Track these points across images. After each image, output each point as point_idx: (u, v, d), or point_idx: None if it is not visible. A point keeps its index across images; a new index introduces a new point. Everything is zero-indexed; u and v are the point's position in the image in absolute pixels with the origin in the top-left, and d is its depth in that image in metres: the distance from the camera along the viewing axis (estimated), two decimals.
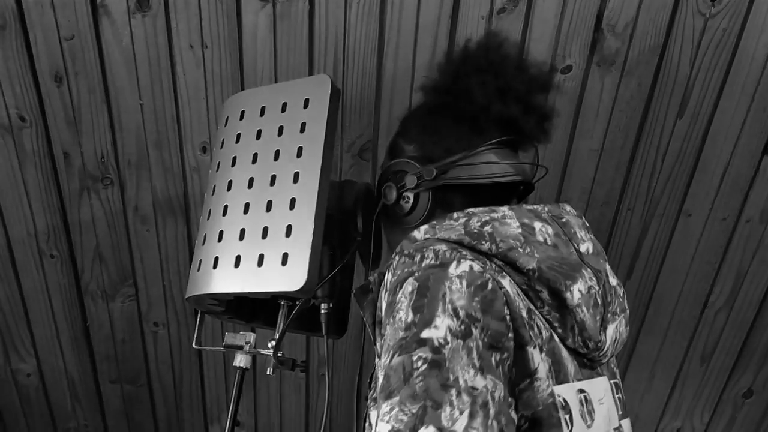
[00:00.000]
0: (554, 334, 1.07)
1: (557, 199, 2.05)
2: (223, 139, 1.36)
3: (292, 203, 1.19)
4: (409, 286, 1.00)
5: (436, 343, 0.92)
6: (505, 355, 0.95)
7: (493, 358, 0.93)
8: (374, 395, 1.10)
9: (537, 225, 1.13)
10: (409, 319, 0.96)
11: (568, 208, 1.25)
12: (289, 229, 1.17)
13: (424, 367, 0.90)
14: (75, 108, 1.91)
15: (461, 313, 0.94)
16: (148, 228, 2.11)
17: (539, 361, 1.00)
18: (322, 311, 1.34)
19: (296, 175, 1.20)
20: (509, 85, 1.25)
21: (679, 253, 2.14)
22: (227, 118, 1.38)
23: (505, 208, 1.15)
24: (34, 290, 2.21)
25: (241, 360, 1.33)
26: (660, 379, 2.40)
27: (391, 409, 0.89)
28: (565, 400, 1.02)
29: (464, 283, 0.98)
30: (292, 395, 2.44)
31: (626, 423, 1.21)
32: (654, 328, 2.28)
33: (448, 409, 0.87)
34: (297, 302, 1.27)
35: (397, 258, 1.09)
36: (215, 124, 1.94)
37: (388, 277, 1.09)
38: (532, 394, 0.97)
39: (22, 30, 1.81)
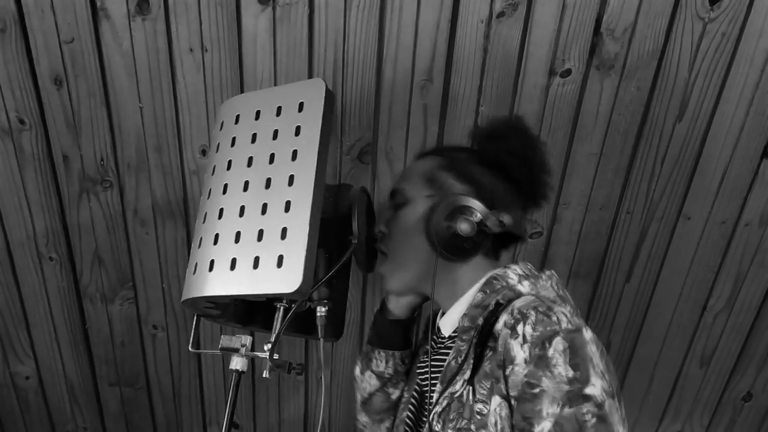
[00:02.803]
0: None
1: (556, 202, 2.05)
2: (219, 143, 1.36)
3: (288, 206, 1.19)
4: (560, 345, 1.13)
5: (598, 400, 1.09)
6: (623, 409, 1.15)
7: (622, 411, 1.13)
8: (460, 426, 1.25)
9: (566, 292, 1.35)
10: (571, 375, 1.10)
11: None
12: (284, 231, 1.17)
13: (594, 420, 1.07)
14: (75, 111, 1.92)
15: (606, 376, 1.12)
16: (147, 231, 2.11)
17: None
18: (319, 314, 1.34)
19: (291, 178, 1.21)
20: (548, 165, 1.47)
21: (678, 257, 2.14)
22: (222, 122, 1.38)
23: (555, 275, 1.39)
24: (33, 293, 2.21)
25: (237, 363, 1.33)
26: (659, 382, 2.40)
27: None
28: None
29: (595, 348, 1.15)
30: (290, 398, 2.44)
31: None
32: (653, 331, 2.28)
33: None
34: (293, 305, 1.27)
35: (533, 314, 1.18)
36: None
37: (526, 330, 1.17)
38: None
39: (22, 33, 1.81)
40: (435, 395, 1.33)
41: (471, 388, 1.25)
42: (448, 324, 1.42)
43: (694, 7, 1.78)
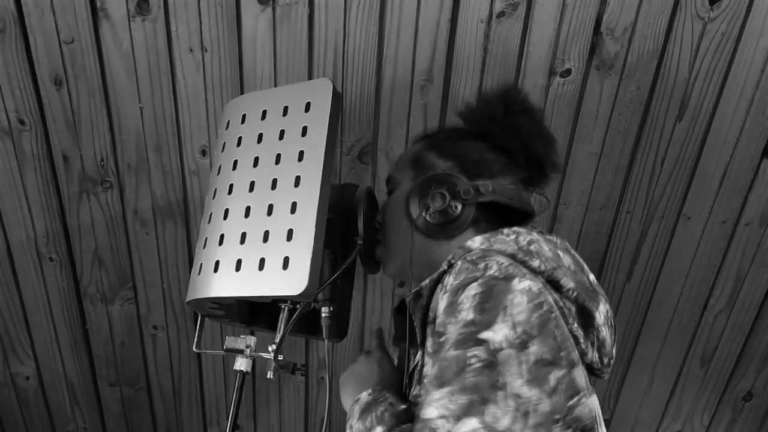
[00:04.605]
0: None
1: (557, 202, 2.05)
2: (225, 143, 1.36)
3: (294, 207, 1.19)
4: (472, 290, 1.05)
5: (492, 347, 0.99)
6: (560, 373, 1.01)
7: (546, 374, 1.00)
8: (416, 393, 1.21)
9: (560, 252, 1.22)
10: (469, 318, 1.02)
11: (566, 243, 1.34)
12: (290, 232, 1.17)
13: (478, 365, 0.97)
14: (75, 111, 1.91)
15: (519, 328, 1.01)
16: (147, 231, 2.11)
17: (584, 377, 1.07)
18: (323, 315, 1.33)
19: (297, 179, 1.20)
20: (544, 131, 1.42)
21: (678, 257, 2.14)
22: (228, 121, 1.38)
23: (534, 233, 1.24)
24: (33, 293, 2.21)
25: (241, 364, 1.33)
26: (660, 382, 2.40)
27: (441, 398, 0.98)
28: (599, 413, 1.11)
29: (524, 299, 1.04)
30: (291, 398, 2.44)
31: None
32: (654, 331, 2.29)
33: (492, 407, 0.94)
34: (298, 306, 1.27)
35: (459, 263, 1.12)
36: (215, 128, 1.94)
37: (449, 280, 1.11)
38: (582, 410, 1.02)
39: (22, 33, 1.81)
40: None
41: (422, 353, 1.21)
42: None
43: (693, 7, 1.78)
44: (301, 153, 1.22)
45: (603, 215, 2.08)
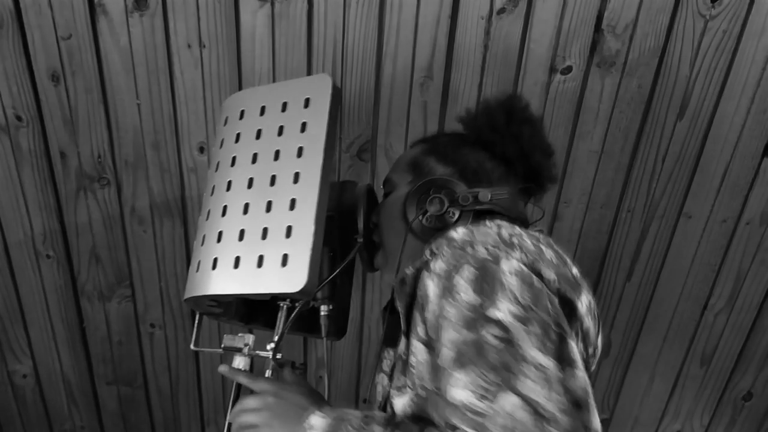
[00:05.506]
0: None
1: (557, 200, 2.04)
2: (223, 139, 1.35)
3: (293, 204, 1.18)
4: (466, 272, 1.07)
5: (503, 324, 1.01)
6: (560, 343, 1.04)
7: (549, 344, 1.02)
8: (399, 384, 1.20)
9: (542, 246, 1.21)
10: (471, 299, 1.04)
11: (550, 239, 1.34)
12: (289, 229, 1.17)
13: (496, 342, 0.99)
14: (72, 108, 1.90)
15: (520, 303, 1.03)
16: (144, 229, 2.10)
17: (577, 351, 1.07)
18: (322, 313, 1.33)
19: (296, 176, 1.20)
20: (545, 143, 1.42)
21: (679, 255, 2.14)
22: (227, 117, 1.37)
23: (517, 227, 1.24)
24: (30, 291, 2.20)
25: (239, 362, 1.32)
26: (660, 381, 2.40)
27: (469, 378, 0.98)
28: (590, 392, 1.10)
29: (516, 277, 1.07)
30: None
31: None
32: (654, 330, 2.28)
33: (523, 378, 0.95)
34: (296, 304, 1.26)
35: (446, 249, 1.14)
36: (213, 125, 1.93)
37: (437, 264, 1.12)
38: (574, 382, 1.02)
39: (19, 29, 1.80)
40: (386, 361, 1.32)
41: (407, 341, 1.21)
42: None
43: (695, 5, 1.78)
44: (300, 149, 1.21)
45: (603, 214, 2.08)
